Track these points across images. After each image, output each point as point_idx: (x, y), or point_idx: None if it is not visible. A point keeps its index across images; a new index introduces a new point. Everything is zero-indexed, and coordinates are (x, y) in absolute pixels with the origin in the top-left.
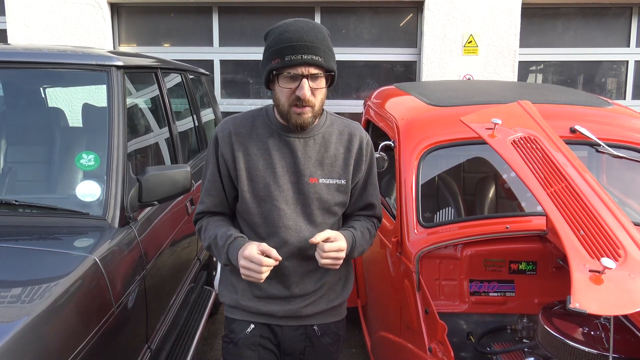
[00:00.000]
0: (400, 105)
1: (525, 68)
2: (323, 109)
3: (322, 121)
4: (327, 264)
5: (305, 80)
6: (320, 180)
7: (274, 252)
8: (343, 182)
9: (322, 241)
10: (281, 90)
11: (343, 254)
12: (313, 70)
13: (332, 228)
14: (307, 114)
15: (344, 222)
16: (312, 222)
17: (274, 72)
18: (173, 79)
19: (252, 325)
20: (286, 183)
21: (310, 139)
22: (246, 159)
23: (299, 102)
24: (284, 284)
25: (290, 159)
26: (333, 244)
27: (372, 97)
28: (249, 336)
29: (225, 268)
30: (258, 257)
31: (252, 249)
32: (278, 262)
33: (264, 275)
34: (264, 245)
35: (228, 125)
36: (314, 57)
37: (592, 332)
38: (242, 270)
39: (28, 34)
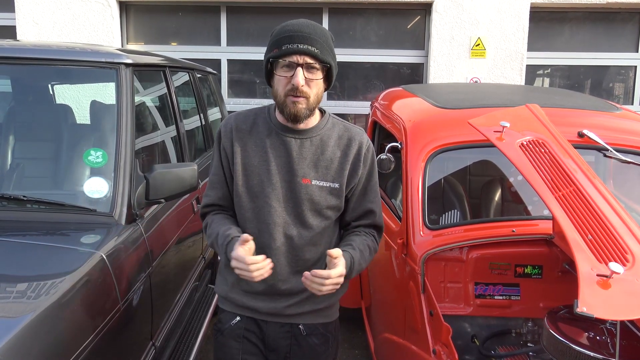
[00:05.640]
0: (408, 107)
1: (532, 72)
2: (325, 111)
3: (322, 123)
4: (329, 290)
5: (299, 69)
6: (313, 182)
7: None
8: (337, 185)
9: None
10: (278, 79)
11: (342, 280)
12: (308, 60)
13: (325, 232)
14: (302, 104)
15: (344, 232)
16: (303, 222)
17: (270, 61)
18: (181, 78)
19: (238, 318)
20: (279, 181)
21: (307, 140)
22: (243, 154)
23: (294, 91)
24: (269, 281)
25: (285, 158)
26: (337, 270)
27: (379, 98)
28: (234, 327)
29: (221, 261)
30: (242, 257)
31: (238, 248)
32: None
33: (257, 273)
34: (243, 237)
35: (231, 121)
36: (309, 47)
37: (597, 337)
38: (236, 271)
39: (37, 30)
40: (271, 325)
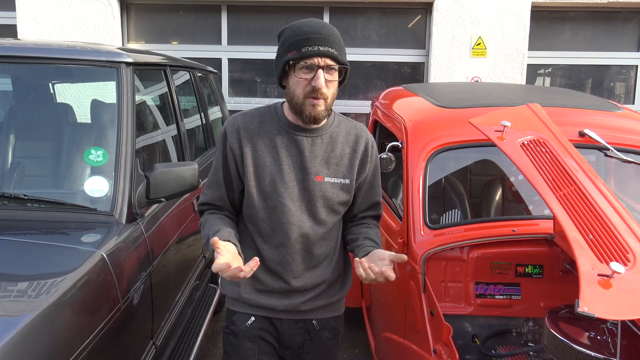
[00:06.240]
0: (409, 106)
1: (533, 71)
2: (332, 109)
3: (330, 121)
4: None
5: (320, 71)
6: (326, 179)
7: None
8: (347, 181)
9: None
10: (297, 81)
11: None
12: (329, 62)
13: (334, 227)
14: (321, 106)
15: (351, 224)
16: (316, 219)
17: (291, 63)
18: (181, 77)
19: (253, 318)
20: (292, 180)
21: (318, 138)
22: (254, 154)
23: (314, 93)
24: (284, 279)
25: (297, 157)
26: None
27: (380, 97)
28: (249, 328)
29: None
30: (220, 266)
31: (218, 260)
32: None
33: (243, 273)
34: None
35: (237, 120)
36: (329, 49)
37: (598, 337)
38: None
39: (38, 29)
40: (286, 322)
